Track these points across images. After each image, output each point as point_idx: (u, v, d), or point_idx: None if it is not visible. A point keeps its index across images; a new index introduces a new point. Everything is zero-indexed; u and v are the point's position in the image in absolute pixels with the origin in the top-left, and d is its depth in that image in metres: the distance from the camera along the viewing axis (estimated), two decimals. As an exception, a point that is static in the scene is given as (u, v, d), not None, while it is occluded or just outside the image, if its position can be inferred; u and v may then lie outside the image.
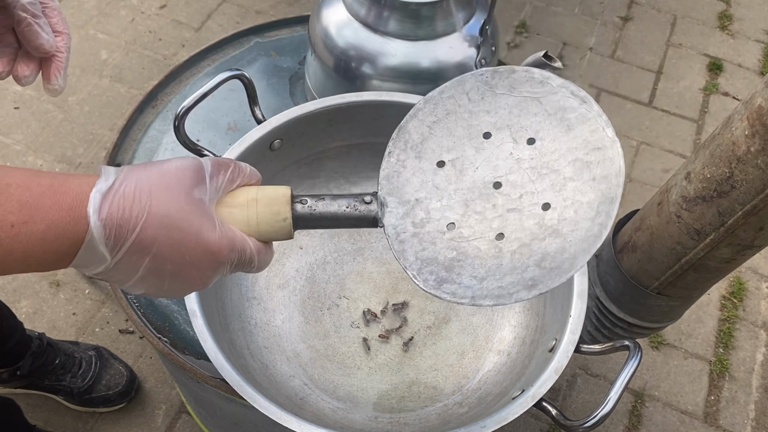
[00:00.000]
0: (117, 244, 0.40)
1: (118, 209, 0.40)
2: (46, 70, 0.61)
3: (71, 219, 0.39)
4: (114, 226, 0.39)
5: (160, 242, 0.41)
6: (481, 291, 0.47)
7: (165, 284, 0.44)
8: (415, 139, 0.51)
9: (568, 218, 0.48)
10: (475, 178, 0.50)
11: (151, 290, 0.44)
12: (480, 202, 0.49)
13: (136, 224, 0.40)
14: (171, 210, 0.41)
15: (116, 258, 0.41)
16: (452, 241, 0.49)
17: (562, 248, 0.47)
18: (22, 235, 0.37)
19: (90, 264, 0.41)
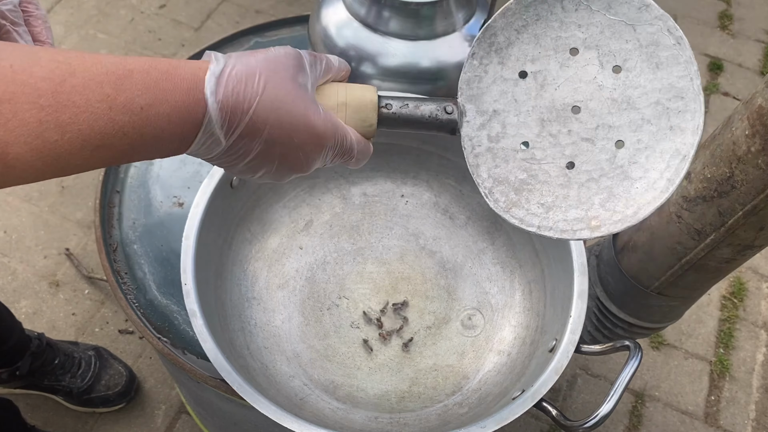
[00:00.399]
0: (231, 126, 0.41)
1: (232, 92, 0.41)
2: None
3: (192, 101, 0.40)
4: (229, 108, 0.41)
5: (271, 124, 0.42)
6: (546, 221, 0.47)
7: (273, 168, 0.45)
8: (501, 42, 0.49)
9: (639, 162, 0.46)
10: (555, 97, 0.49)
11: (258, 174, 0.46)
12: (556, 124, 0.48)
13: (250, 106, 0.41)
14: (280, 93, 0.43)
15: (230, 141, 0.42)
16: (525, 161, 0.49)
17: (628, 193, 0.47)
18: (152, 118, 0.38)
19: (206, 148, 0.42)
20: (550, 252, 0.74)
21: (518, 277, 0.80)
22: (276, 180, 0.48)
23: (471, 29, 0.83)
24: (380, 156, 0.85)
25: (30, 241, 1.55)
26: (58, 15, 2.01)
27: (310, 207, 0.85)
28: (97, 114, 0.36)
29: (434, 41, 0.81)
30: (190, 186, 0.88)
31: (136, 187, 0.88)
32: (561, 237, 0.47)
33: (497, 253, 0.82)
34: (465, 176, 0.83)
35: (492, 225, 0.83)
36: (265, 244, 0.81)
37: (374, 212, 0.86)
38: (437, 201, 0.86)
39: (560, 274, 0.71)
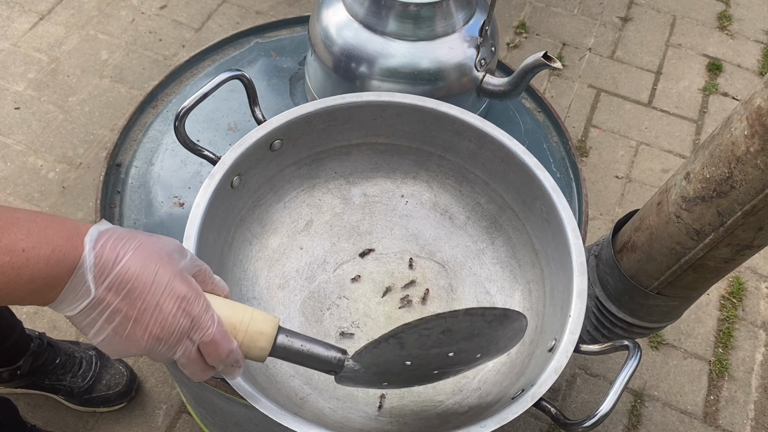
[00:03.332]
0: (102, 274, 0.44)
1: (110, 246, 0.45)
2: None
3: (70, 247, 0.44)
4: (102, 258, 0.45)
5: (138, 278, 0.46)
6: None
7: (128, 326, 0.47)
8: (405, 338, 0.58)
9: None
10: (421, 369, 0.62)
11: (111, 336, 0.47)
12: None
13: (123, 257, 0.45)
14: (155, 253, 0.47)
15: (99, 291, 0.45)
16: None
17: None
18: (31, 259, 0.42)
19: (74, 297, 0.45)
20: (550, 252, 0.74)
21: (518, 277, 0.80)
22: (129, 350, 0.48)
23: (471, 30, 0.84)
24: (380, 156, 0.86)
25: (30, 241, 1.55)
26: (58, 16, 2.01)
27: (311, 207, 0.85)
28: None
29: (434, 42, 0.82)
30: (191, 186, 0.88)
31: (137, 187, 0.88)
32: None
33: (497, 253, 0.83)
34: (465, 176, 0.84)
35: (492, 225, 0.84)
36: (265, 244, 0.81)
37: (374, 212, 0.87)
38: (437, 201, 0.87)
39: (559, 274, 0.71)
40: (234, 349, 0.52)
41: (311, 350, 0.56)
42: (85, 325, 0.47)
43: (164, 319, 0.47)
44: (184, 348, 0.49)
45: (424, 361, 0.60)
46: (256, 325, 0.54)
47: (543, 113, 1.01)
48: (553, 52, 2.06)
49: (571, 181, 0.93)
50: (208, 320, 0.50)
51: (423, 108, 0.78)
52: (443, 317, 0.54)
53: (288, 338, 0.56)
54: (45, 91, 1.83)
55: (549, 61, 0.77)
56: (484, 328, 0.57)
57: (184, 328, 0.48)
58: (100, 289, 0.45)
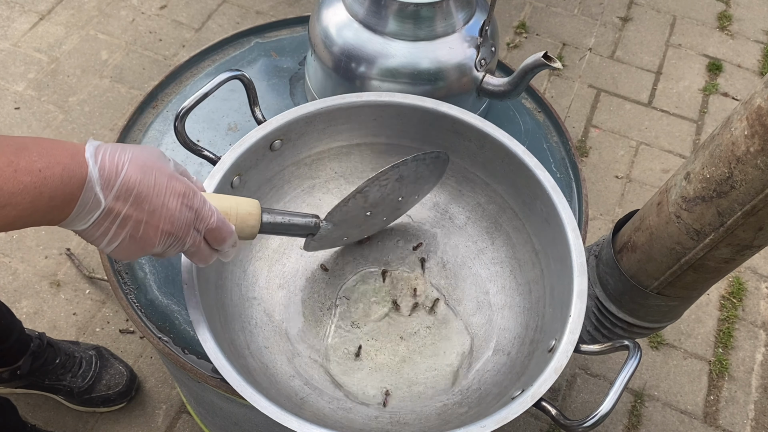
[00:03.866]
0: (109, 184, 0.48)
1: (108, 157, 0.49)
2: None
3: (76, 163, 0.47)
4: (105, 168, 0.48)
5: (141, 183, 0.49)
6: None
7: (141, 228, 0.51)
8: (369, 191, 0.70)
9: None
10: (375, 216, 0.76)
11: (127, 241, 0.51)
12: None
13: (123, 167, 0.49)
14: (147, 160, 0.51)
15: (108, 200, 0.48)
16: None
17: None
18: (48, 178, 0.45)
19: (87, 210, 0.48)
20: (550, 252, 0.74)
21: (518, 277, 0.80)
22: (145, 249, 0.53)
23: (471, 30, 0.84)
24: (380, 156, 0.86)
25: (31, 241, 1.55)
26: (58, 16, 2.01)
27: (310, 207, 0.85)
28: (6, 176, 0.43)
29: (434, 42, 0.82)
30: (191, 186, 0.88)
31: (136, 187, 0.88)
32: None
33: (497, 253, 0.83)
34: (465, 176, 0.84)
35: (492, 225, 0.84)
36: (265, 244, 0.81)
37: (374, 212, 0.87)
38: (437, 201, 0.87)
39: (559, 273, 0.71)
40: (233, 230, 0.58)
41: (291, 221, 0.65)
42: (99, 236, 0.50)
43: (172, 215, 0.52)
44: (192, 238, 0.55)
45: (379, 209, 0.73)
46: (244, 208, 0.61)
47: (543, 113, 1.01)
48: (553, 52, 2.06)
49: (571, 181, 0.93)
50: (208, 210, 0.55)
51: (423, 108, 0.78)
52: (397, 166, 0.67)
53: (271, 215, 0.63)
54: (45, 91, 1.83)
55: (549, 61, 0.77)
56: (423, 170, 0.72)
57: (190, 220, 0.54)
58: (109, 199, 0.48)
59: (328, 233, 0.70)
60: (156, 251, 0.54)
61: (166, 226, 0.52)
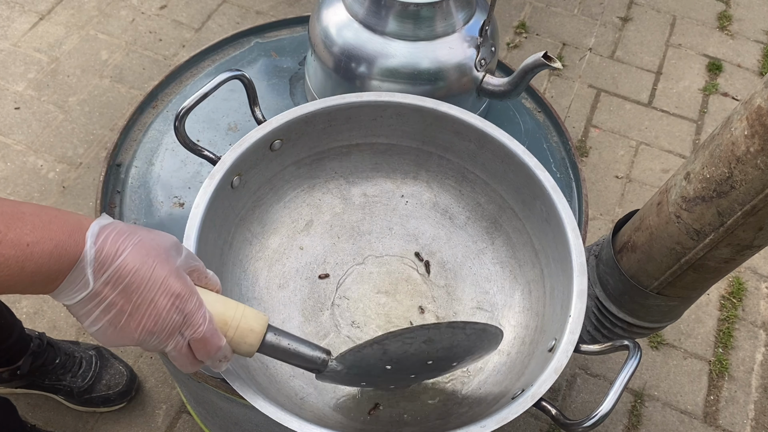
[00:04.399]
0: (102, 268, 0.46)
1: (111, 239, 0.47)
2: None
3: (72, 241, 0.45)
4: (103, 252, 0.46)
5: (135, 273, 0.47)
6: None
7: (123, 319, 0.48)
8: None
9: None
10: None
11: (107, 327, 0.49)
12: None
13: (122, 252, 0.47)
14: (153, 249, 0.49)
15: (97, 284, 0.46)
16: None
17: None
18: (35, 254, 0.43)
19: (73, 289, 0.46)
20: (550, 252, 0.74)
21: (518, 277, 0.80)
22: (121, 340, 0.50)
23: (471, 30, 0.84)
24: (380, 156, 0.86)
25: (30, 241, 1.55)
26: (58, 16, 2.01)
27: (310, 207, 0.85)
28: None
29: (434, 42, 0.82)
30: (191, 186, 0.88)
31: (137, 187, 0.88)
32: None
33: (497, 253, 0.83)
34: (465, 176, 0.84)
35: (492, 225, 0.84)
36: (265, 244, 0.81)
37: (374, 212, 0.87)
38: (437, 201, 0.87)
39: (559, 273, 0.71)
40: (222, 346, 0.54)
41: (297, 349, 0.59)
42: (82, 315, 0.48)
43: (158, 315, 0.49)
44: (175, 342, 0.51)
45: (403, 366, 0.63)
46: (247, 322, 0.56)
47: (543, 113, 1.01)
48: (553, 52, 2.06)
49: (571, 181, 0.93)
50: (200, 318, 0.52)
51: (423, 108, 0.78)
52: (427, 328, 0.57)
53: (276, 336, 0.58)
54: (45, 91, 1.83)
55: (549, 61, 0.77)
56: (463, 341, 0.61)
57: (176, 324, 0.50)
58: (98, 283, 0.47)
59: (340, 375, 0.62)
60: (135, 344, 0.51)
61: (148, 323, 0.49)
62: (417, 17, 0.80)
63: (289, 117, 0.75)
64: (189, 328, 0.51)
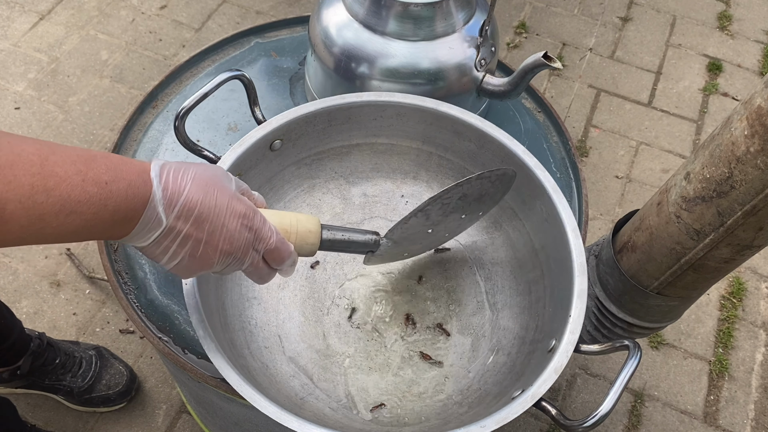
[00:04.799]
0: (171, 204, 0.49)
1: (172, 176, 0.50)
2: None
3: (141, 181, 0.48)
4: (168, 189, 0.49)
5: (202, 204, 0.50)
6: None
7: (200, 248, 0.51)
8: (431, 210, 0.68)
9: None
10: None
11: (186, 259, 0.52)
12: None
13: (185, 187, 0.50)
14: (210, 180, 0.52)
15: (169, 220, 0.49)
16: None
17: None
18: (113, 192, 0.46)
19: (149, 228, 0.49)
20: (550, 252, 0.74)
21: (518, 277, 0.80)
22: (204, 266, 0.53)
23: (471, 30, 0.84)
24: (380, 156, 0.86)
25: (30, 241, 1.55)
26: (58, 16, 2.01)
27: (311, 207, 0.85)
28: (74, 184, 0.44)
29: (434, 42, 0.82)
30: (191, 186, 0.88)
31: (136, 187, 0.88)
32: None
33: (497, 253, 0.83)
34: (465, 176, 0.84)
35: (492, 225, 0.84)
36: (265, 244, 0.81)
37: (374, 212, 0.87)
38: (437, 201, 0.87)
39: (560, 274, 0.71)
40: (292, 250, 0.59)
41: (351, 237, 0.65)
42: (159, 253, 0.51)
43: (231, 236, 0.52)
44: (251, 258, 0.55)
45: (441, 227, 0.72)
46: (304, 226, 0.61)
47: (543, 113, 1.01)
48: (553, 52, 2.06)
49: (571, 181, 0.93)
50: (267, 231, 0.56)
51: (423, 108, 0.78)
52: (460, 185, 0.65)
53: (331, 232, 0.63)
54: (45, 91, 1.83)
55: (549, 61, 0.77)
56: (489, 188, 0.70)
57: (249, 241, 0.54)
58: (171, 218, 0.49)
59: (388, 249, 0.69)
60: (215, 270, 0.55)
61: (225, 246, 0.52)
62: (417, 17, 0.80)
63: (289, 117, 0.75)
64: (261, 242, 0.55)
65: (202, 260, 0.52)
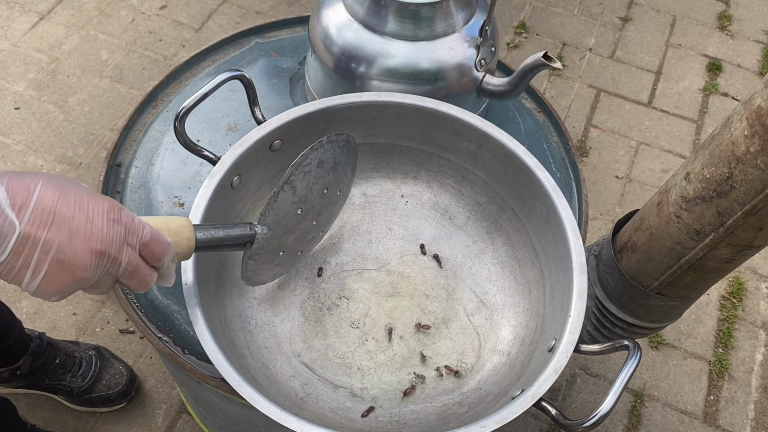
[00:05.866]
0: (21, 206, 0.43)
1: (16, 180, 0.44)
2: None
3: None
4: (13, 189, 0.43)
5: (60, 200, 0.45)
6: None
7: (68, 251, 0.45)
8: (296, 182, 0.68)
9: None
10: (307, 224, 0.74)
11: (54, 267, 0.45)
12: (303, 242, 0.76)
13: (35, 188, 0.44)
14: (63, 183, 0.46)
15: (24, 225, 0.43)
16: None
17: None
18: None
19: (1, 238, 0.43)
20: (550, 252, 0.74)
21: (518, 277, 0.80)
22: (72, 276, 0.47)
23: (471, 30, 0.84)
24: (380, 156, 0.86)
25: (30, 241, 1.55)
26: (58, 16, 2.01)
27: (311, 207, 0.85)
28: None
29: (434, 42, 0.82)
30: (191, 186, 0.88)
31: (137, 187, 0.88)
32: None
33: (497, 253, 0.83)
34: (465, 176, 0.84)
35: (492, 225, 0.84)
36: (265, 244, 0.81)
37: (374, 212, 0.87)
38: (437, 201, 0.87)
39: (559, 273, 0.71)
40: (170, 243, 0.53)
41: (228, 232, 0.62)
42: (20, 267, 0.44)
43: (100, 231, 0.47)
44: (127, 256, 0.49)
45: (309, 206, 0.71)
46: (175, 222, 0.57)
47: (543, 113, 1.01)
48: (553, 52, 2.06)
49: (571, 181, 0.93)
50: (138, 223, 0.50)
51: (423, 108, 0.78)
52: (315, 148, 0.67)
53: (204, 229, 0.60)
54: (45, 91, 1.83)
55: (549, 61, 0.77)
56: (339, 155, 0.71)
57: (121, 235, 0.48)
58: (24, 222, 0.43)
59: (266, 242, 0.66)
60: (88, 275, 0.47)
61: (95, 244, 0.46)
62: (417, 17, 0.80)
63: (289, 117, 0.75)
64: (133, 234, 0.49)
65: (72, 266, 0.46)
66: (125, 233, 0.49)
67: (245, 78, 0.74)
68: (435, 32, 0.81)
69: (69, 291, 0.48)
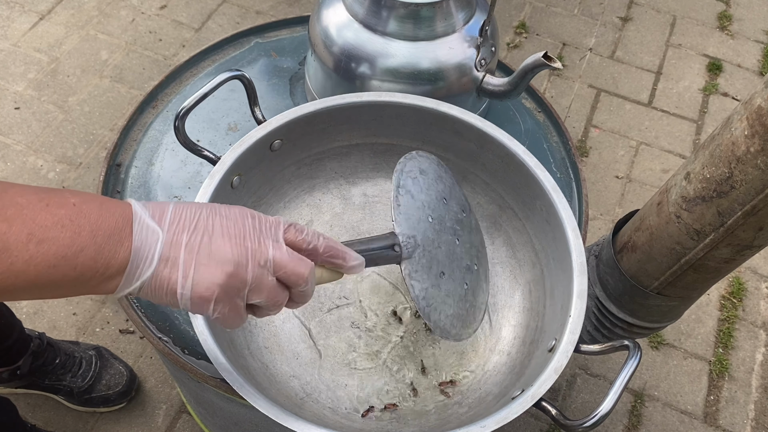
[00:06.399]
0: (162, 215, 0.46)
1: (151, 202, 0.47)
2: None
3: (114, 201, 0.45)
4: (150, 206, 0.46)
5: (192, 211, 0.47)
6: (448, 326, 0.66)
7: (210, 243, 0.46)
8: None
9: (476, 300, 0.72)
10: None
11: (205, 264, 0.46)
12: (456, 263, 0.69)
13: (168, 206, 0.47)
14: (192, 204, 0.49)
15: (164, 229, 0.45)
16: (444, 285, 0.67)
17: (471, 314, 0.70)
18: (84, 211, 0.43)
19: (146, 244, 0.44)
20: (550, 252, 0.74)
21: (518, 277, 0.80)
22: (223, 274, 0.47)
23: (471, 30, 0.84)
24: (380, 156, 0.86)
25: (30, 241, 1.55)
26: (58, 16, 2.01)
27: (310, 207, 0.85)
28: (37, 209, 0.41)
29: (434, 42, 0.82)
30: (191, 186, 0.88)
31: (137, 187, 0.88)
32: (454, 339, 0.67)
33: (497, 253, 0.83)
34: (465, 177, 0.84)
35: (492, 225, 0.84)
36: (265, 244, 0.81)
37: (374, 212, 0.87)
38: (437, 201, 0.87)
39: (559, 273, 0.71)
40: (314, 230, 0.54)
41: (373, 245, 0.60)
42: (170, 271, 0.45)
43: (235, 220, 0.48)
44: (270, 247, 0.49)
45: (438, 215, 0.68)
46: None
47: (543, 113, 1.01)
48: (553, 52, 2.06)
49: (571, 181, 0.93)
50: (275, 220, 0.51)
51: (423, 108, 0.78)
52: (408, 158, 0.67)
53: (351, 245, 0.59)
54: (45, 91, 1.83)
55: (549, 61, 0.77)
56: (437, 170, 0.71)
57: (257, 228, 0.49)
58: (165, 227, 0.45)
59: (413, 249, 0.62)
60: (238, 270, 0.47)
61: (235, 239, 0.47)
62: (417, 17, 0.80)
63: (289, 117, 0.75)
64: (270, 227, 0.50)
65: (220, 260, 0.46)
66: (260, 227, 0.49)
67: (245, 78, 0.74)
68: (435, 32, 0.81)
69: (225, 292, 0.47)
